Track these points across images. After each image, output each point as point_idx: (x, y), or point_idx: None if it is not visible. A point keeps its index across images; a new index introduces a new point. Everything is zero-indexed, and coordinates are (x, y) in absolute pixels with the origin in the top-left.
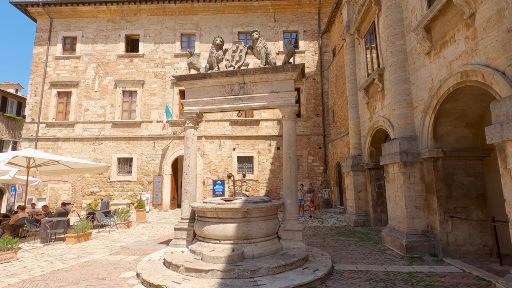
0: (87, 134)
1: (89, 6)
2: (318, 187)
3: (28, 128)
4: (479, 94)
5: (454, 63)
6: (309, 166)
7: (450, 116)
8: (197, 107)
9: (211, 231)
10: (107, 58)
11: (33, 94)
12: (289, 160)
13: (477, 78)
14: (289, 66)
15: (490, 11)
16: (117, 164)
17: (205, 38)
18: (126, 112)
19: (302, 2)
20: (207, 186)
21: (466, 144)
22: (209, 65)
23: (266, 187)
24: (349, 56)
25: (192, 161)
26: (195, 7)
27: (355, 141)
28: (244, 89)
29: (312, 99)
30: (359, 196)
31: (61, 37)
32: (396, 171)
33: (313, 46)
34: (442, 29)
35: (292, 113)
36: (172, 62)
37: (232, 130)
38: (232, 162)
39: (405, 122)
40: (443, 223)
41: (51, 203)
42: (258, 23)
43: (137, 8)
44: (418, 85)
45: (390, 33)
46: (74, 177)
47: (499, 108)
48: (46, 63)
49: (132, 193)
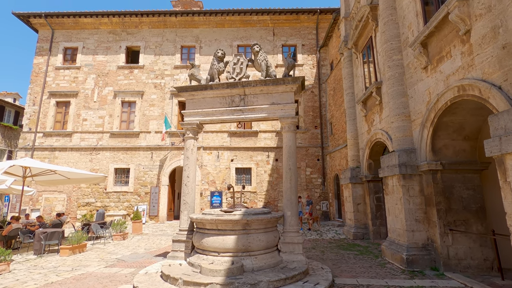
0: (84, 144)
1: (91, 18)
2: (316, 200)
3: (25, 138)
4: (476, 108)
5: (451, 77)
6: (307, 178)
7: (448, 129)
8: (197, 118)
9: (210, 243)
10: (107, 69)
11: (31, 104)
12: (289, 172)
13: (474, 92)
14: (289, 78)
15: (485, 28)
16: (114, 175)
17: (205, 50)
18: (125, 123)
19: (300, 17)
20: (204, 197)
21: (464, 157)
22: (210, 76)
23: (264, 199)
24: (347, 69)
25: (192, 172)
26: (196, 21)
27: (353, 153)
28: (244, 101)
29: (310, 112)
30: (358, 208)
31: (62, 48)
32: (396, 183)
33: (311, 59)
34: (439, 44)
35: (292, 124)
36: (172, 74)
37: (231, 142)
38: (230, 174)
39: (403, 135)
40: (443, 237)
41: (46, 214)
42: (257, 37)
43: (139, 21)
44: (415, 99)
45: (387, 48)
46: (70, 188)
47: (497, 121)
48: (46, 73)
49: (129, 204)
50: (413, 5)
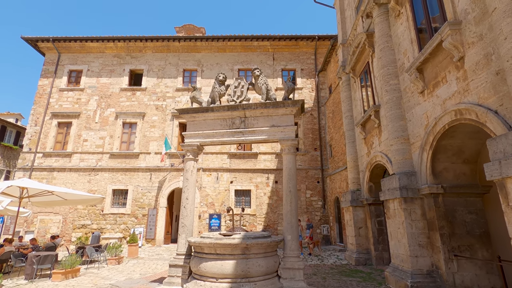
0: (83, 165)
1: (97, 42)
2: (316, 223)
3: (24, 158)
4: (473, 132)
5: (448, 101)
6: (308, 200)
7: (447, 152)
8: (198, 139)
9: (209, 268)
10: (110, 91)
11: (33, 124)
12: (289, 194)
13: (471, 117)
14: (289, 101)
15: (478, 55)
16: (112, 196)
17: (206, 74)
18: (125, 143)
19: (299, 43)
20: (203, 220)
21: (465, 181)
22: (211, 99)
23: (263, 222)
24: (345, 93)
25: (191, 193)
26: (198, 46)
27: (353, 176)
28: (245, 123)
29: (309, 134)
30: (360, 232)
31: (67, 71)
32: (397, 207)
33: (310, 83)
34: (434, 70)
35: (292, 147)
36: (174, 96)
37: (230, 163)
38: (229, 196)
39: (403, 157)
40: (448, 263)
41: (40, 236)
42: (257, 61)
43: (143, 45)
44: (414, 122)
45: (384, 73)
46: (66, 209)
47: (496, 145)
48: (50, 95)
49: (125, 227)
50: (407, 33)
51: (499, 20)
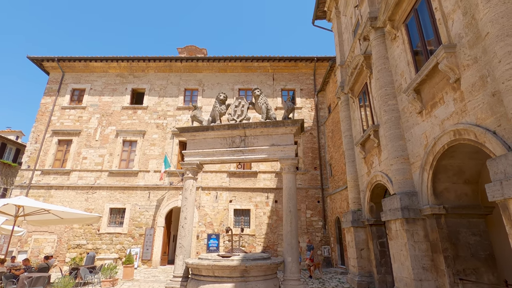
0: (81, 183)
1: (101, 62)
2: (317, 244)
3: (22, 175)
4: (473, 152)
5: (446, 122)
6: (308, 221)
7: (447, 172)
8: (198, 158)
9: None
10: (112, 109)
11: (33, 142)
12: (289, 214)
13: (470, 137)
14: (289, 121)
15: (474, 77)
16: (109, 215)
17: (207, 93)
18: (125, 161)
19: (298, 64)
20: (201, 240)
21: (467, 201)
22: (212, 118)
23: (263, 242)
24: (344, 113)
25: (190, 213)
26: (200, 66)
27: (354, 195)
28: (245, 142)
29: (309, 153)
30: (361, 254)
31: (70, 89)
32: (399, 228)
33: (309, 103)
34: (431, 91)
35: (292, 166)
36: (174, 115)
37: (230, 182)
38: (228, 215)
39: (403, 177)
40: (453, 287)
41: (33, 256)
42: (257, 81)
43: (145, 65)
44: (413, 142)
45: (382, 93)
46: (61, 228)
47: (496, 166)
48: (52, 112)
49: (121, 247)
50: (404, 55)
51: (492, 44)
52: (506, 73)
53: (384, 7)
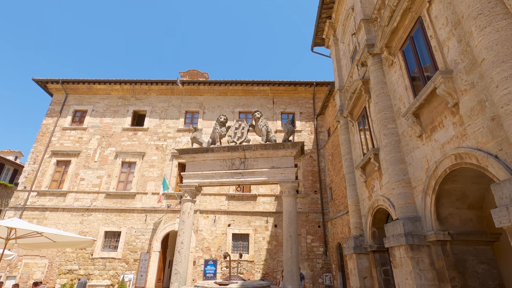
0: (77, 205)
1: (104, 85)
2: (318, 271)
3: (18, 196)
4: (476, 176)
5: (446, 145)
6: (308, 246)
7: (450, 197)
8: (197, 180)
9: None
10: (113, 130)
11: (32, 162)
12: (290, 240)
13: (472, 161)
14: (289, 143)
15: (472, 101)
16: (104, 238)
17: (207, 116)
18: (122, 183)
19: (298, 88)
20: (197, 266)
21: (472, 227)
22: (212, 140)
23: (262, 269)
24: (343, 136)
25: (187, 237)
26: (201, 89)
27: (355, 220)
28: (245, 164)
29: (309, 176)
30: (365, 283)
31: (72, 110)
32: (403, 255)
33: (309, 126)
34: (430, 115)
35: (292, 189)
36: (175, 136)
37: (229, 205)
38: (226, 240)
39: (405, 202)
40: None
41: (22, 282)
42: (257, 105)
43: (148, 88)
44: (414, 166)
45: (381, 117)
46: (54, 252)
47: (501, 191)
48: (52, 133)
49: (114, 273)
50: (401, 80)
51: (488, 70)
52: (505, 98)
53: (380, 34)
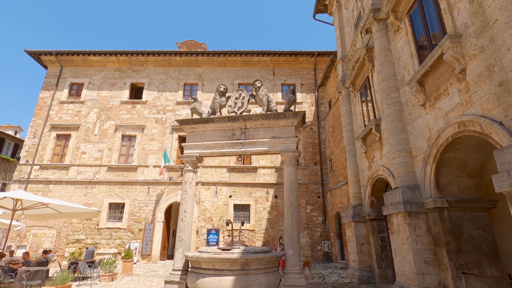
0: (80, 178)
1: (99, 56)
2: (317, 239)
3: (21, 170)
4: (478, 144)
5: (450, 114)
6: (308, 216)
7: (451, 165)
8: (197, 150)
9: (206, 285)
10: (111, 103)
11: (31, 136)
12: (290, 207)
13: (475, 128)
14: (290, 113)
15: (480, 67)
16: (108, 210)
17: (207, 88)
18: (124, 156)
19: (299, 59)
20: (200, 235)
21: (470, 195)
22: (211, 110)
23: (263, 237)
24: (345, 107)
25: (189, 206)
26: (199, 60)
27: (354, 190)
28: (245, 134)
29: (309, 148)
30: (362, 249)
31: (68, 83)
32: (401, 221)
33: (309, 98)
34: (435, 83)
35: (293, 158)
36: (174, 109)
37: (230, 177)
38: (228, 210)
39: (405, 171)
40: (456, 281)
41: (32, 251)
42: (257, 76)
43: (144, 60)
44: (416, 135)
45: (385, 86)
46: (60, 223)
47: (503, 156)
48: (50, 107)
49: (120, 242)
50: (407, 47)
51: (501, 32)
52: None
53: None
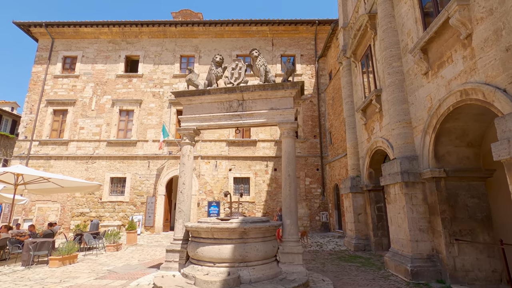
0: (80, 153)
1: (91, 27)
2: (315, 210)
3: (20, 146)
4: (479, 114)
5: (453, 82)
6: (307, 188)
7: (450, 135)
8: (194, 123)
9: (206, 253)
10: (106, 77)
11: (28, 112)
12: (288, 178)
13: (478, 96)
14: (288, 83)
15: (487, 31)
16: (110, 184)
17: (204, 60)
18: (122, 131)
19: (299, 28)
20: (201, 208)
21: (468, 164)
22: (208, 81)
23: (262, 209)
24: (345, 78)
25: (188, 178)
26: (195, 31)
27: (353, 162)
28: (243, 106)
29: (309, 121)
30: (359, 219)
31: (61, 57)
32: (398, 191)
33: (309, 69)
34: (439, 50)
35: (292, 130)
36: (171, 83)
37: (229, 151)
38: (228, 183)
39: (404, 142)
40: (449, 247)
41: (38, 224)
42: (256, 47)
43: (138, 31)
44: (416, 105)
45: (387, 55)
46: (64, 197)
47: (505, 124)
48: (44, 81)
49: (124, 214)
50: (412, 12)
51: None
52: None
53: None
